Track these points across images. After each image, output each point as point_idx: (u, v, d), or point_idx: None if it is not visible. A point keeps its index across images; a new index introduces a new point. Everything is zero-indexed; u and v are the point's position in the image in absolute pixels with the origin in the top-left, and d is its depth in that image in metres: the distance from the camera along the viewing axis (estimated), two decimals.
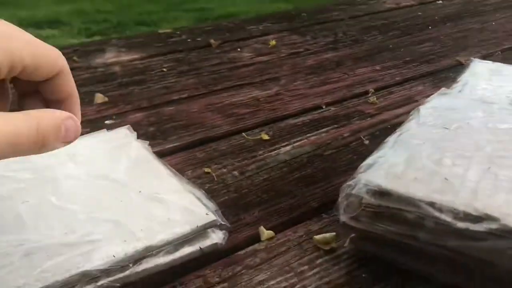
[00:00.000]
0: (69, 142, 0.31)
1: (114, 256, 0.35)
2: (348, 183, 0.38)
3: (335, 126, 0.59)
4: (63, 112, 0.32)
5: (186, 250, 0.39)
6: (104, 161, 0.46)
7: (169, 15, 3.64)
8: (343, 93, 0.68)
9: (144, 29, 3.11)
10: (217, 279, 0.37)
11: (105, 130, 0.52)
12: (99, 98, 0.66)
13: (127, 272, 0.36)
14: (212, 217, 0.40)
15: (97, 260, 0.35)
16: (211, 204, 0.42)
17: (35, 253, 0.35)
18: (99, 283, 0.35)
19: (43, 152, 0.31)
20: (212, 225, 0.39)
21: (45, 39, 0.33)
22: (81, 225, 0.38)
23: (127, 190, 0.42)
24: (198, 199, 0.42)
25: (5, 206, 0.39)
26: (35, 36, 0.36)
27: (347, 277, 0.38)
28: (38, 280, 0.33)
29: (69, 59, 0.82)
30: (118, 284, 0.36)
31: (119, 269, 0.36)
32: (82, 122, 0.59)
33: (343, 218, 0.37)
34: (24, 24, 3.50)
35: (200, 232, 0.39)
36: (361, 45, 0.88)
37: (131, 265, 0.36)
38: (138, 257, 0.36)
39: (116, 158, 0.46)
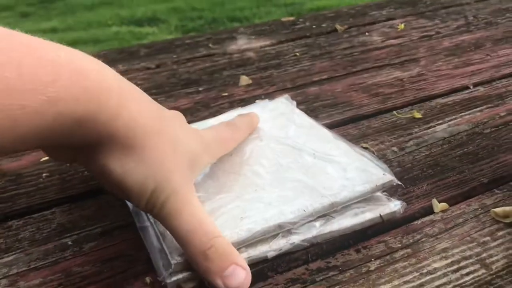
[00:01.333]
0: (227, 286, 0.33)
1: (304, 211, 0.37)
2: None
3: (489, 105, 0.58)
4: (240, 259, 0.34)
5: (368, 216, 0.40)
6: (274, 128, 0.48)
7: (260, 10, 3.70)
8: (490, 73, 0.65)
9: (237, 25, 3.19)
10: (399, 245, 0.38)
11: (267, 99, 0.54)
12: (244, 80, 0.69)
13: (314, 232, 0.38)
14: (389, 177, 0.40)
15: (290, 213, 0.37)
16: (384, 166, 0.43)
17: (233, 207, 0.38)
18: (291, 241, 0.37)
19: (202, 273, 0.34)
20: (389, 185, 0.40)
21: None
22: (268, 183, 0.40)
23: (302, 153, 0.44)
24: (370, 160, 0.43)
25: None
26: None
27: None
28: (242, 230, 0.36)
29: (205, 46, 0.87)
30: (306, 244, 0.38)
31: (307, 230, 0.38)
32: (234, 101, 0.62)
33: None
34: (126, 22, 3.72)
35: (379, 190, 0.40)
36: (496, 27, 0.84)
37: (318, 224, 0.38)
38: (325, 213, 0.38)
39: (284, 124, 0.49)
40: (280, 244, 0.37)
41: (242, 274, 0.33)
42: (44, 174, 0.49)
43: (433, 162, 0.48)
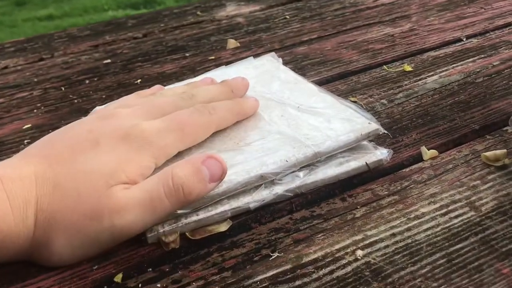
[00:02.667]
0: (218, 181, 0.34)
1: (286, 161, 0.36)
2: None
3: (482, 56, 0.56)
4: (203, 155, 0.34)
5: (353, 164, 0.38)
6: (258, 84, 0.47)
7: None
8: (484, 25, 0.64)
9: None
10: (386, 192, 0.37)
11: (251, 57, 0.53)
12: (232, 43, 0.67)
13: (298, 183, 0.37)
14: (374, 125, 0.39)
15: (272, 164, 0.36)
16: (369, 115, 0.41)
17: None
18: (274, 191, 0.36)
19: (193, 200, 0.33)
20: (375, 134, 0.39)
21: None
22: (250, 136, 0.39)
23: (286, 107, 0.43)
24: (356, 111, 0.41)
25: None
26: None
27: None
28: (223, 181, 0.35)
29: (192, 14, 0.85)
30: (290, 194, 0.37)
31: (290, 180, 0.37)
32: (221, 63, 0.61)
33: None
34: (122, 6, 3.69)
35: (364, 139, 0.39)
36: None
37: (301, 174, 0.37)
38: (308, 163, 0.37)
39: (268, 80, 0.47)
40: (262, 195, 0.36)
41: (213, 163, 0.34)
42: (25, 141, 0.48)
43: (423, 112, 0.46)
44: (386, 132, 0.40)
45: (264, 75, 0.49)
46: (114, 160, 0.33)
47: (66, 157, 0.33)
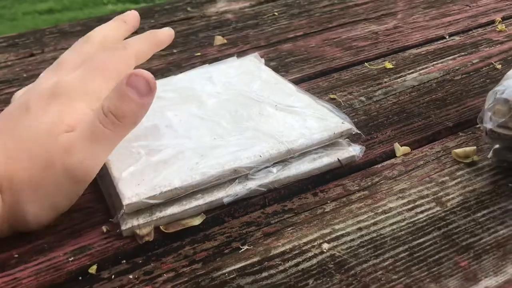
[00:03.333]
0: (151, 93, 0.34)
1: (260, 156, 0.38)
2: (495, 89, 0.37)
3: (462, 53, 0.57)
4: (124, 77, 0.34)
5: (325, 160, 0.39)
6: (239, 83, 0.48)
7: None
8: (467, 23, 0.64)
9: None
10: (356, 188, 0.38)
11: (235, 56, 0.54)
12: (218, 40, 0.68)
13: (271, 178, 0.38)
14: (348, 125, 0.40)
15: (246, 159, 0.37)
16: (344, 116, 0.42)
17: (190, 153, 0.38)
18: (247, 186, 0.37)
19: (132, 122, 0.35)
20: (348, 133, 0.40)
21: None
22: (227, 132, 0.40)
23: (264, 105, 0.44)
24: (331, 111, 0.42)
25: (158, 118, 0.42)
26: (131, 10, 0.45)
27: (492, 186, 0.36)
28: (196, 174, 0.36)
29: (183, 10, 0.86)
30: (263, 189, 0.38)
31: (264, 176, 0.38)
32: (207, 60, 0.62)
33: (489, 125, 0.36)
34: (122, 0, 3.69)
35: (337, 138, 0.40)
36: None
37: (275, 170, 0.38)
38: (281, 159, 0.38)
39: (249, 80, 0.48)
40: (236, 190, 0.37)
41: (135, 79, 0.34)
42: None
43: (399, 109, 0.47)
44: (358, 132, 0.41)
45: (245, 75, 0.50)
46: (51, 115, 0.34)
47: (7, 126, 0.35)
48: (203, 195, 0.37)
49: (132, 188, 0.35)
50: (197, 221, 0.36)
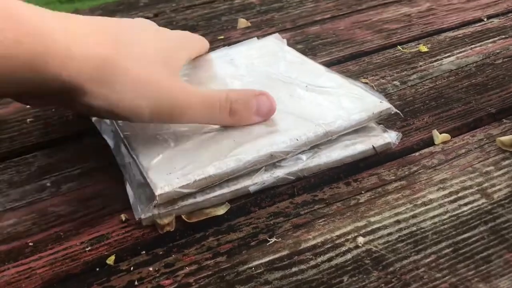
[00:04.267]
0: (264, 118, 0.37)
1: (297, 140, 0.35)
2: None
3: (503, 36, 0.53)
4: (257, 90, 0.37)
5: (359, 147, 0.37)
6: (263, 64, 0.45)
7: None
8: (507, 4, 0.60)
9: None
10: (392, 177, 0.35)
11: (255, 38, 0.51)
12: (242, 23, 0.65)
13: (300, 166, 0.35)
14: (386, 104, 0.38)
15: (282, 143, 0.35)
16: (379, 95, 0.40)
17: (221, 138, 0.36)
18: (275, 174, 0.35)
19: (237, 123, 0.37)
20: (387, 113, 0.37)
21: None
22: None
23: (294, 87, 0.41)
24: (366, 90, 0.40)
25: None
26: None
27: None
28: (231, 160, 0.34)
29: None
30: (292, 177, 0.35)
31: (292, 163, 0.35)
32: (230, 43, 0.59)
33: None
34: None
35: (376, 119, 0.37)
36: None
37: (304, 157, 0.35)
38: (318, 142, 0.36)
39: (273, 61, 0.46)
40: (263, 178, 0.35)
41: (265, 100, 0.37)
42: (28, 120, 0.47)
43: (437, 94, 0.44)
44: (397, 111, 0.38)
45: (268, 56, 0.47)
46: (163, 42, 0.38)
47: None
48: (227, 182, 0.34)
49: (164, 177, 0.33)
50: (221, 211, 0.34)
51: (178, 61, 0.38)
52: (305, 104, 0.39)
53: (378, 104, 0.37)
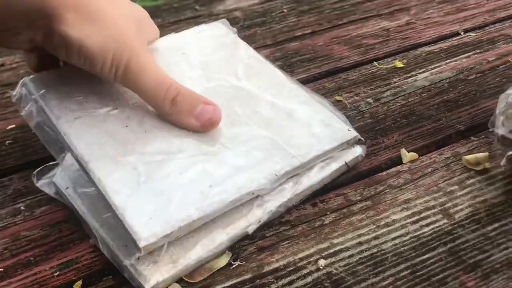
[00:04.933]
0: (201, 125, 0.36)
1: (276, 175, 0.34)
2: (507, 92, 0.34)
3: (478, 51, 0.54)
4: (209, 100, 0.37)
5: (334, 166, 0.37)
6: (219, 65, 0.44)
7: None
8: (484, 18, 0.61)
9: None
10: (358, 197, 0.36)
11: (203, 24, 0.51)
12: None
13: (288, 195, 0.35)
14: (354, 133, 0.38)
15: (262, 179, 0.34)
16: (342, 116, 0.40)
17: (196, 170, 0.34)
18: (268, 209, 0.34)
19: (173, 115, 0.36)
20: (354, 140, 0.38)
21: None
22: (230, 139, 0.37)
23: (260, 102, 0.40)
24: (331, 111, 0.40)
25: (140, 111, 0.38)
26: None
27: (504, 197, 0.34)
28: (214, 201, 0.32)
29: (191, 8, 0.84)
30: (282, 210, 0.35)
31: (278, 193, 0.35)
32: None
33: (501, 131, 0.34)
34: None
35: (345, 147, 0.38)
36: None
37: (288, 186, 0.35)
38: (294, 174, 0.35)
39: (229, 60, 0.44)
40: (257, 215, 0.34)
41: (210, 109, 0.37)
42: (7, 142, 0.48)
43: (408, 111, 0.45)
44: (362, 139, 0.39)
45: (223, 51, 0.45)
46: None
47: None
48: (224, 228, 0.33)
49: (144, 222, 0.30)
50: (223, 261, 0.32)
51: (146, 32, 0.40)
52: (275, 126, 0.38)
53: (347, 132, 0.38)
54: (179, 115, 0.36)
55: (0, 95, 0.60)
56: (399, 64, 0.53)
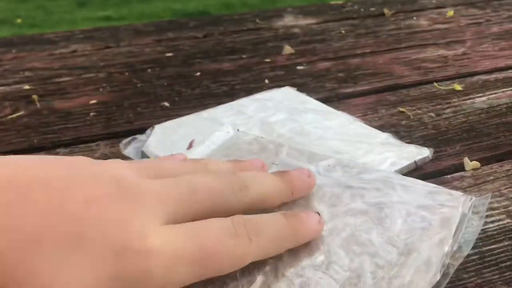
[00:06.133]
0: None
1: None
2: None
3: None
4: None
5: (404, 162, 0.40)
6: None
7: None
8: None
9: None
10: None
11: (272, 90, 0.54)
12: (287, 49, 0.70)
13: None
14: (426, 151, 0.42)
15: None
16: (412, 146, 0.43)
17: None
18: None
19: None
20: (424, 160, 0.41)
21: None
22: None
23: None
24: (396, 139, 0.44)
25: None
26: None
27: None
28: None
29: (252, 21, 0.89)
30: None
31: None
32: (276, 66, 0.64)
33: None
34: (177, 14, 3.82)
35: (413, 167, 0.41)
36: None
37: None
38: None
39: (294, 111, 0.48)
40: None
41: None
42: (91, 113, 0.52)
43: (468, 127, 0.48)
44: (430, 157, 0.42)
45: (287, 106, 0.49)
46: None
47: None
48: None
49: None
50: None
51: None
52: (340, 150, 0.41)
53: (417, 151, 0.42)
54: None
55: (77, 76, 0.64)
56: (457, 87, 0.56)
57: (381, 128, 0.47)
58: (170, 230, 0.25)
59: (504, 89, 0.56)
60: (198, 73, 0.63)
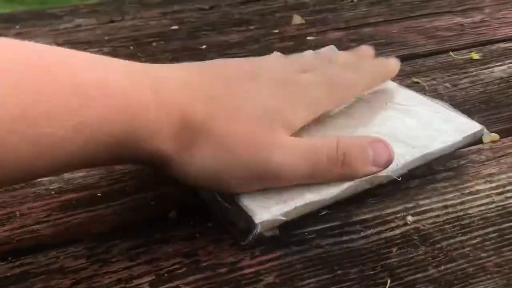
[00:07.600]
0: (381, 168, 0.31)
1: (397, 165, 0.33)
2: None
3: None
4: (371, 136, 0.32)
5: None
6: None
7: None
8: None
9: None
10: (441, 168, 0.37)
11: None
12: (297, 19, 0.68)
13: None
14: (478, 126, 0.37)
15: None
16: (459, 112, 0.39)
17: None
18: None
19: (347, 177, 0.31)
20: (480, 134, 0.37)
21: None
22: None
23: (372, 105, 0.38)
24: (445, 107, 0.39)
25: None
26: None
27: None
28: (329, 187, 0.31)
29: None
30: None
31: None
32: (285, 37, 0.61)
33: None
34: None
35: (469, 141, 0.37)
36: None
37: None
38: (414, 166, 0.34)
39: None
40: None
41: (382, 147, 0.31)
42: None
43: (487, 98, 0.46)
44: (488, 133, 0.38)
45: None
46: (274, 99, 0.31)
47: (225, 79, 0.32)
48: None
49: (260, 204, 0.30)
50: None
51: (287, 123, 0.31)
52: (390, 123, 0.36)
53: (472, 124, 0.37)
54: (355, 175, 0.31)
55: (81, 51, 0.62)
56: (475, 56, 0.53)
57: None
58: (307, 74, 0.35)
59: None
60: (204, 46, 0.61)
